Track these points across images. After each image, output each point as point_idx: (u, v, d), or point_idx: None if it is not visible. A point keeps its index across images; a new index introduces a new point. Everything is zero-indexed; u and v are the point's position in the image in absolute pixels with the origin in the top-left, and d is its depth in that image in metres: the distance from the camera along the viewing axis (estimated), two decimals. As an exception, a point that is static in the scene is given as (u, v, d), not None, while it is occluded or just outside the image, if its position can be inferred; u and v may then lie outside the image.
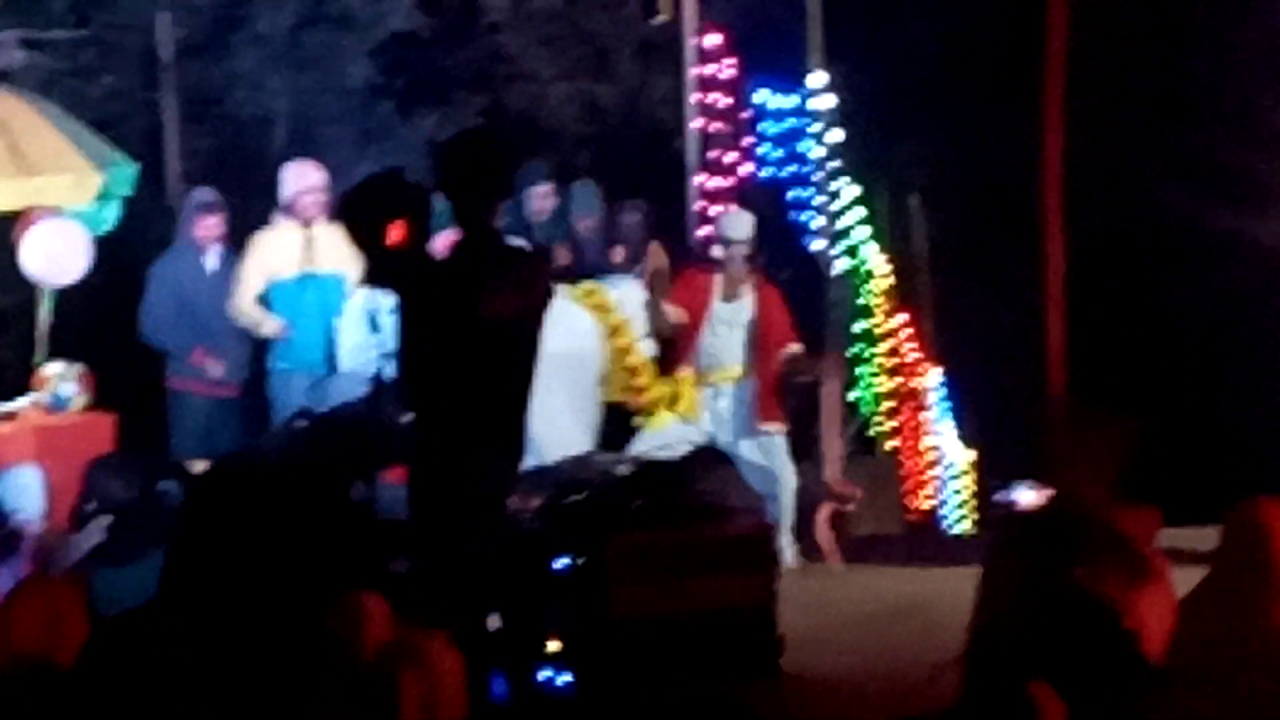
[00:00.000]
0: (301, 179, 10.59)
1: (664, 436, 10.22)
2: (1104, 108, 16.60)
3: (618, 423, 10.44)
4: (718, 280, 10.49)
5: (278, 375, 10.58)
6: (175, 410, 10.92)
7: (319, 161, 10.93)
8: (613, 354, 10.32)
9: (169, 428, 10.90)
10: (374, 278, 7.54)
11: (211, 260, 10.91)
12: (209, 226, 10.89)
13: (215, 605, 6.20)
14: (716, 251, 10.61)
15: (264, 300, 10.60)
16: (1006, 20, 12.88)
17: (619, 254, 11.05)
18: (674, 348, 10.51)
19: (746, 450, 10.51)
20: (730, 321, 10.48)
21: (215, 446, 10.16)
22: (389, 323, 9.04)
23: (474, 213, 7.10)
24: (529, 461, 7.73)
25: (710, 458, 10.25)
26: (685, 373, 10.47)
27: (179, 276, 10.87)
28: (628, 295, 10.40)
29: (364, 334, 10.25)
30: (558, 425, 9.60)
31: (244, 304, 10.60)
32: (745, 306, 10.48)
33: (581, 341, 10.08)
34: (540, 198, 11.21)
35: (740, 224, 10.56)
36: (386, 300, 9.05)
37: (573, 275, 10.57)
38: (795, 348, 10.52)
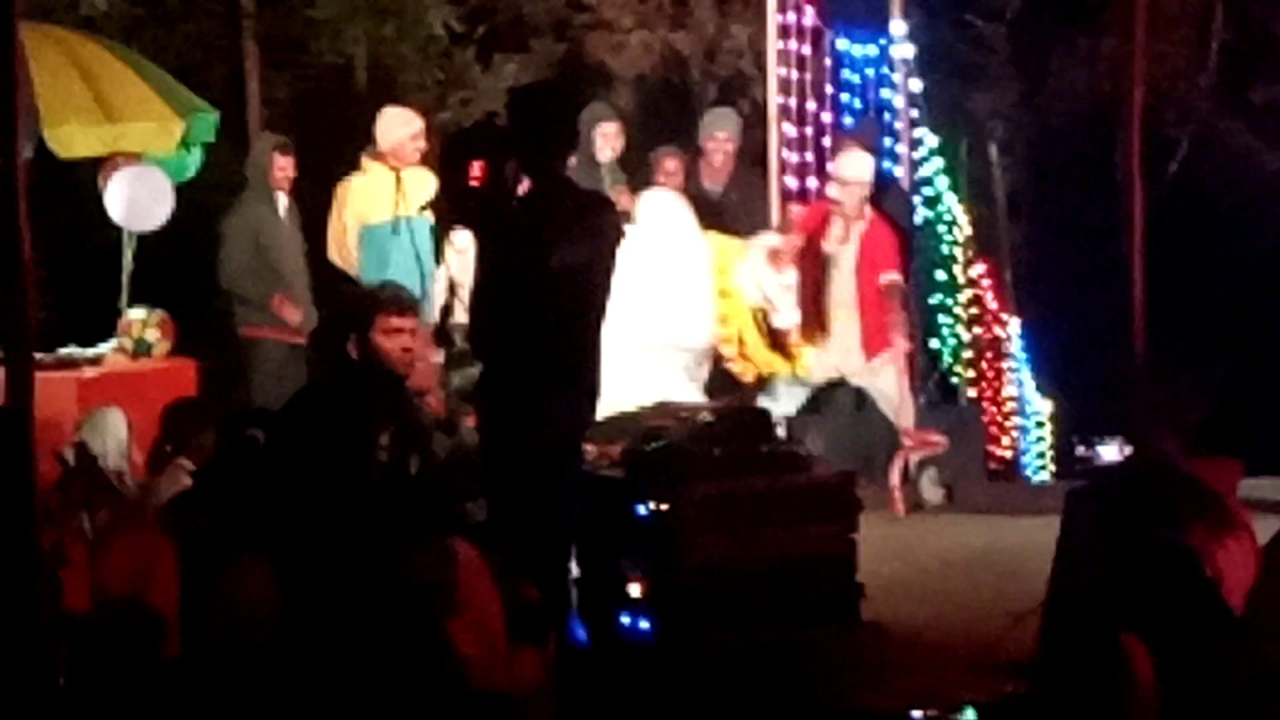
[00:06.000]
0: (407, 125, 10.55)
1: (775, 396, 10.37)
2: (1179, 55, 16.44)
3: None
4: (835, 221, 10.52)
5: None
6: (251, 358, 10.94)
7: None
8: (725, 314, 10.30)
9: (245, 375, 10.97)
10: (455, 217, 7.58)
11: (283, 206, 10.97)
12: (284, 168, 10.94)
13: (302, 548, 6.25)
14: (832, 191, 10.56)
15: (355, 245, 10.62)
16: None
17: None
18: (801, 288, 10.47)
19: (867, 384, 10.56)
20: (841, 263, 10.47)
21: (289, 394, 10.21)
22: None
23: (545, 160, 7.13)
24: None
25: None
26: (795, 338, 10.48)
27: (258, 224, 10.90)
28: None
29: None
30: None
31: (344, 252, 10.60)
32: (853, 248, 10.47)
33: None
34: (607, 137, 11.05)
35: (858, 164, 10.57)
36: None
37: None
38: (892, 275, 10.44)
